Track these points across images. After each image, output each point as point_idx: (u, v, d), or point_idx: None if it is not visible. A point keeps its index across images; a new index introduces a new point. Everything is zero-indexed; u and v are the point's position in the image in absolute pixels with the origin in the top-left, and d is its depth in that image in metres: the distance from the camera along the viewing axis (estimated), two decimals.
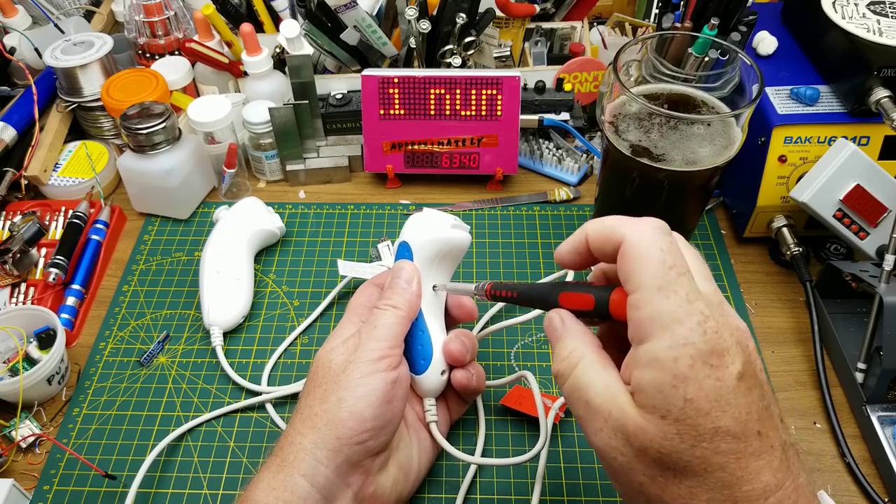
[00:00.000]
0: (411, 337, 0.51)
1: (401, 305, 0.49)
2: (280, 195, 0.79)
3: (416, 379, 0.51)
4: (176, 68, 0.82)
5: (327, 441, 0.44)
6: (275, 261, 0.71)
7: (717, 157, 0.56)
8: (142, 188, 0.74)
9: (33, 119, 0.78)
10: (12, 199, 0.76)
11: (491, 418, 0.58)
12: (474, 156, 0.75)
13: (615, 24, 0.89)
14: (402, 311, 0.49)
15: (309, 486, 0.43)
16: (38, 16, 0.90)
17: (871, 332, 0.56)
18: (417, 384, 0.52)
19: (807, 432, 0.57)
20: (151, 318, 0.67)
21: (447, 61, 0.77)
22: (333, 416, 0.45)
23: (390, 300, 0.49)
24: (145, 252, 0.73)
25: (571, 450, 0.56)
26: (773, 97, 0.65)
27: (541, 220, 0.75)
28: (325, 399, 0.46)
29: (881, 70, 0.59)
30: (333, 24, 0.77)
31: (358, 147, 0.79)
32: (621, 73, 0.59)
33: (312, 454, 0.44)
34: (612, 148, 0.58)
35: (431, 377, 0.51)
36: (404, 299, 0.50)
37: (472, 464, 0.55)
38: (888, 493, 0.53)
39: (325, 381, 0.46)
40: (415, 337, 0.51)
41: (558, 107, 0.77)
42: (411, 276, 0.51)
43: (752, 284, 0.68)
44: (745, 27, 0.66)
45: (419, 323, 0.52)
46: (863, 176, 0.60)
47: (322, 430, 0.45)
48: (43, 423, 0.59)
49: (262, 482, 0.44)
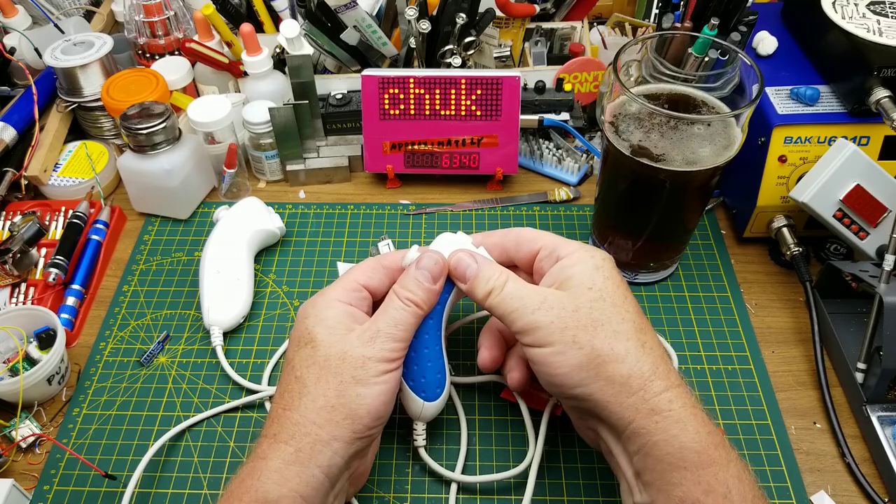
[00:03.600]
0: (430, 362, 0.51)
1: (422, 304, 0.49)
2: (280, 195, 0.79)
3: (425, 406, 0.51)
4: (176, 68, 0.82)
5: (344, 434, 0.45)
6: (275, 261, 0.71)
7: (717, 157, 0.56)
8: (142, 188, 0.74)
9: (33, 119, 0.78)
10: (12, 199, 0.76)
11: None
12: (474, 156, 0.75)
13: (615, 24, 0.89)
14: (423, 310, 0.49)
15: (324, 477, 0.44)
16: (38, 16, 0.89)
17: (871, 332, 0.56)
18: (423, 410, 0.51)
19: (807, 432, 0.57)
20: (151, 318, 0.67)
21: (447, 61, 0.77)
22: (352, 412, 0.45)
23: (412, 294, 0.49)
24: (145, 252, 0.73)
25: (571, 450, 0.56)
26: (773, 97, 0.65)
27: (541, 220, 0.75)
28: (343, 393, 0.45)
29: (881, 70, 0.59)
30: (333, 24, 0.77)
31: (358, 147, 0.79)
32: (621, 73, 0.59)
33: (330, 447, 0.44)
34: (612, 148, 0.58)
35: (439, 405, 0.52)
36: (426, 297, 0.49)
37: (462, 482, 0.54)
38: (888, 493, 0.53)
39: (341, 372, 0.46)
40: (433, 363, 0.51)
41: (558, 107, 0.77)
42: (439, 274, 0.50)
43: (752, 284, 0.68)
44: (745, 27, 0.66)
45: (440, 350, 0.51)
46: (863, 176, 0.60)
47: (340, 423, 0.45)
48: (43, 423, 0.59)
49: (274, 472, 0.43)
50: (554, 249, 0.49)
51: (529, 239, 0.51)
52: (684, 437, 0.41)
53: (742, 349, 0.63)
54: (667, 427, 0.41)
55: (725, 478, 0.40)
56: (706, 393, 0.60)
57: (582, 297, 0.45)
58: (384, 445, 0.56)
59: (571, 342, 0.44)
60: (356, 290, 0.51)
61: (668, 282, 0.68)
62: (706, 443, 0.41)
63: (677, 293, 0.67)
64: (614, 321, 0.44)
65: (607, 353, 0.43)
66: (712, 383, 0.60)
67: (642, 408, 0.42)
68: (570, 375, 0.44)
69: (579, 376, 0.43)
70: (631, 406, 0.42)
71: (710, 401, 0.59)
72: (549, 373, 0.45)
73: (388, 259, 0.53)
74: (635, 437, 0.42)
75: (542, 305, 0.45)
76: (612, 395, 0.43)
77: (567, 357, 0.44)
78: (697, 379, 0.61)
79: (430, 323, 0.51)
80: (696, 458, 0.40)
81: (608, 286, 0.46)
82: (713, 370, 0.61)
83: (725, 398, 0.59)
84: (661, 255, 0.66)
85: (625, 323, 0.44)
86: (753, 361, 0.62)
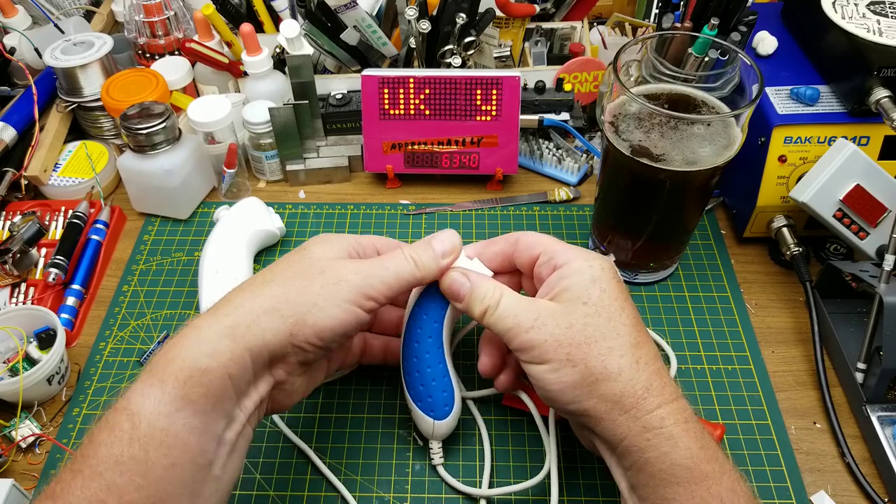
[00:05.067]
0: (435, 381, 0.51)
1: (423, 267, 0.48)
2: (280, 195, 0.79)
3: (436, 424, 0.51)
4: (176, 68, 0.82)
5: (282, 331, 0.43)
6: (275, 261, 0.71)
7: (717, 157, 0.56)
8: (142, 188, 0.74)
9: (33, 119, 0.78)
10: (12, 199, 0.76)
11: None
12: (474, 156, 0.75)
13: (615, 24, 0.89)
14: (421, 274, 0.48)
15: (251, 363, 0.42)
16: (38, 16, 0.89)
17: (871, 332, 0.56)
18: (434, 429, 0.51)
19: (807, 432, 0.57)
20: (151, 318, 0.67)
21: (447, 61, 0.77)
22: (300, 317, 0.44)
23: (418, 255, 0.48)
24: (145, 252, 0.73)
25: (571, 450, 0.56)
26: (773, 97, 0.65)
27: (541, 221, 0.75)
28: (303, 294, 0.44)
29: (881, 70, 0.59)
30: (333, 24, 0.77)
31: (358, 147, 0.79)
32: (621, 73, 0.59)
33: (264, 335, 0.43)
34: (612, 148, 0.58)
35: (451, 422, 0.52)
36: (430, 264, 0.49)
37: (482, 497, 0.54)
38: (888, 493, 0.53)
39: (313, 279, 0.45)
40: (437, 382, 0.51)
41: (558, 107, 0.77)
42: (451, 250, 0.50)
43: (752, 284, 0.68)
44: (745, 27, 0.66)
45: (444, 368, 0.51)
46: (863, 176, 0.60)
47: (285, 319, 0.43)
48: (43, 423, 0.59)
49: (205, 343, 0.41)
50: (552, 256, 0.48)
51: (529, 244, 0.50)
52: (675, 455, 0.41)
53: (742, 349, 0.63)
54: (658, 444, 0.41)
55: (719, 491, 0.40)
56: (706, 393, 0.60)
57: (576, 312, 0.45)
58: (384, 445, 0.56)
59: (566, 360, 0.43)
60: (370, 246, 0.51)
61: (668, 282, 0.68)
62: (698, 458, 0.41)
63: (677, 293, 0.67)
64: (609, 337, 0.44)
65: (600, 371, 0.43)
66: (712, 383, 0.60)
67: (634, 426, 0.42)
68: (565, 392, 0.44)
69: (573, 394, 0.43)
70: (623, 424, 0.42)
71: (710, 401, 0.59)
72: (544, 389, 0.45)
73: None
74: (628, 454, 0.42)
75: (536, 323, 0.45)
76: (605, 412, 0.43)
77: (561, 375, 0.44)
78: (697, 379, 0.61)
79: (429, 342, 0.51)
80: (688, 474, 0.41)
81: (603, 299, 0.45)
82: (713, 370, 0.61)
83: (725, 398, 0.59)
84: (661, 255, 0.66)
85: (619, 338, 0.44)
86: (753, 361, 0.62)
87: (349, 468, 0.56)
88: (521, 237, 0.51)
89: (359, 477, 0.55)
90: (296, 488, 0.54)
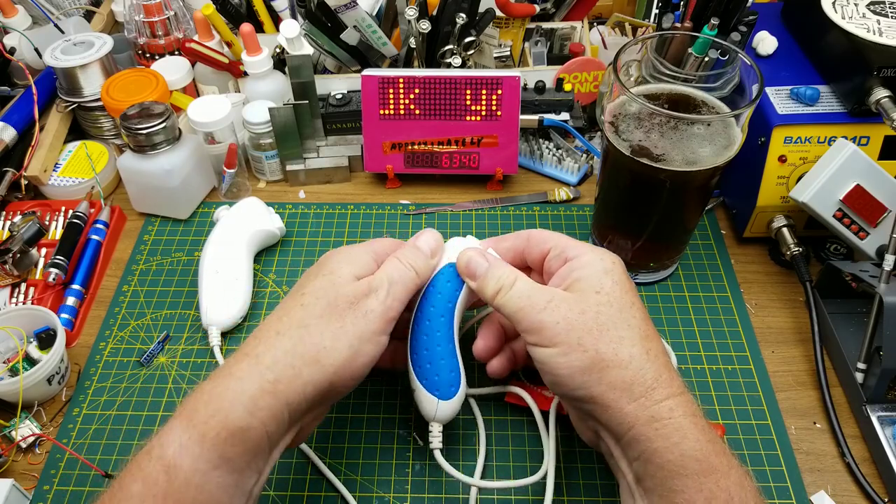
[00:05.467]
0: (443, 360, 0.50)
1: (419, 270, 0.50)
2: (280, 195, 0.79)
3: (440, 405, 0.50)
4: (176, 68, 0.82)
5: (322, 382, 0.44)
6: (275, 261, 0.71)
7: (717, 157, 0.56)
8: (142, 188, 0.74)
9: (33, 119, 0.78)
10: (12, 199, 0.76)
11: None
12: (474, 156, 0.75)
13: (615, 24, 0.89)
14: (420, 278, 0.50)
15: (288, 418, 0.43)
16: (38, 16, 0.89)
17: (871, 332, 0.56)
18: (438, 410, 0.51)
19: (807, 432, 0.57)
20: (151, 318, 0.67)
21: (447, 61, 0.77)
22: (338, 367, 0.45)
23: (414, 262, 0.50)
24: (145, 252, 0.73)
25: (571, 450, 0.56)
26: (773, 97, 0.65)
27: (541, 221, 0.75)
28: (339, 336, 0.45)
29: (881, 70, 0.59)
30: (333, 24, 0.77)
31: (358, 147, 0.79)
32: (621, 73, 0.59)
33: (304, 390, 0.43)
34: (612, 148, 0.58)
35: (455, 405, 0.51)
36: (423, 265, 0.50)
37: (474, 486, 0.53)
38: (888, 493, 0.53)
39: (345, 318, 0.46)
40: (446, 361, 0.50)
41: (558, 107, 0.77)
42: (437, 247, 0.51)
43: (752, 284, 0.68)
44: (745, 27, 0.66)
45: (453, 348, 0.51)
46: (863, 176, 0.60)
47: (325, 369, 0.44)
48: (43, 423, 0.59)
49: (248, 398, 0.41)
50: (564, 250, 0.49)
51: (541, 240, 0.51)
52: (685, 445, 0.41)
53: (742, 349, 0.63)
54: (668, 434, 0.41)
55: (727, 485, 0.40)
56: (706, 393, 0.60)
57: (589, 300, 0.45)
58: (384, 445, 0.56)
59: (576, 344, 0.44)
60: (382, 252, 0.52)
61: (668, 282, 0.68)
62: (708, 451, 0.41)
63: (677, 293, 0.67)
64: (620, 326, 0.44)
65: (611, 357, 0.43)
66: (712, 383, 0.60)
67: (642, 414, 0.42)
68: (573, 377, 0.44)
69: (581, 379, 0.43)
70: (631, 412, 0.42)
71: (710, 401, 0.59)
72: (552, 373, 0.45)
73: None
74: (635, 444, 0.42)
75: (549, 305, 0.45)
76: (613, 399, 0.43)
77: (571, 359, 0.44)
78: (697, 379, 0.61)
79: (441, 321, 0.51)
80: (698, 465, 0.40)
81: (616, 291, 0.46)
82: (713, 370, 0.61)
83: (725, 398, 0.59)
84: (661, 255, 0.66)
85: (631, 329, 0.44)
86: (753, 361, 0.62)
87: (349, 468, 0.56)
88: (532, 233, 0.52)
89: (359, 477, 0.55)
90: (296, 488, 0.54)
